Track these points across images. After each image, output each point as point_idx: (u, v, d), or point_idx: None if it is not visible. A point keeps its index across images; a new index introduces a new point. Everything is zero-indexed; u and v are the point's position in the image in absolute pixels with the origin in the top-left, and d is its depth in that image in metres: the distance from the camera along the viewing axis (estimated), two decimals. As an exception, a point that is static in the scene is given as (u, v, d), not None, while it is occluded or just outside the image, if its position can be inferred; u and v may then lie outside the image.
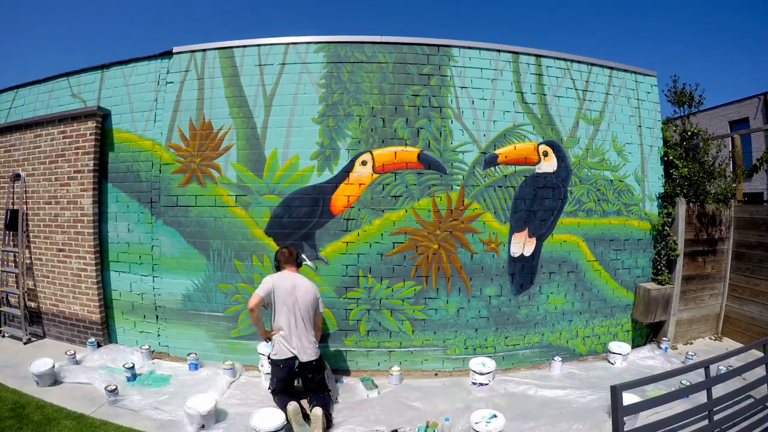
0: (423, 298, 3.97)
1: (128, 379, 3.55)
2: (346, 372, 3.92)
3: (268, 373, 3.39)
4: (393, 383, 3.67)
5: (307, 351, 3.11)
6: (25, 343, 4.31)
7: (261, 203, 3.91)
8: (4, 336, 4.49)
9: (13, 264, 4.54)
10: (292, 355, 3.09)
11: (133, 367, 3.61)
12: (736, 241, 4.93)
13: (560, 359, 4.01)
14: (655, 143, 4.65)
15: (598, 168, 4.36)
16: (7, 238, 4.56)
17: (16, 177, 4.47)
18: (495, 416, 2.93)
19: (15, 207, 4.47)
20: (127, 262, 4.20)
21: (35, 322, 4.54)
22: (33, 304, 4.51)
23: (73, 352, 3.86)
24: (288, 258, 3.32)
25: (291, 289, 3.12)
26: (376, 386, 3.53)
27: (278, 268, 3.32)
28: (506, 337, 4.16)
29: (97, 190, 4.17)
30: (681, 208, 4.59)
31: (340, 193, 3.86)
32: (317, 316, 3.28)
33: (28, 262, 4.49)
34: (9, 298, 4.63)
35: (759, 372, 2.86)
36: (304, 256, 3.69)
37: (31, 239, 4.45)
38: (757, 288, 4.66)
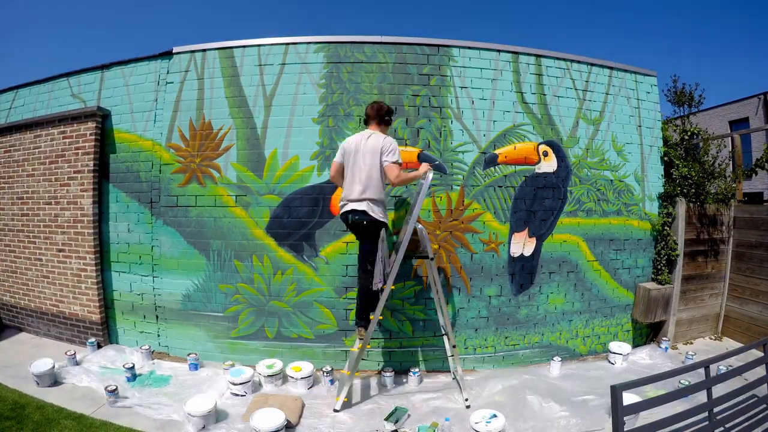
0: (423, 298, 3.97)
1: (128, 380, 3.53)
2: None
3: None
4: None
5: (353, 203, 3.09)
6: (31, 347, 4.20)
7: (261, 203, 3.91)
8: (9, 342, 4.38)
9: None
10: (348, 210, 3.13)
11: (133, 368, 3.59)
12: (736, 241, 4.93)
13: (559, 359, 4.00)
14: (655, 143, 4.65)
15: (598, 168, 4.36)
16: None
17: None
18: (495, 416, 2.93)
19: None
20: (127, 263, 4.20)
21: (36, 322, 4.53)
22: (33, 305, 4.51)
23: (73, 353, 3.86)
24: (369, 115, 3.27)
25: (356, 146, 3.13)
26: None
27: (366, 123, 3.34)
28: (506, 337, 4.16)
29: (97, 190, 4.17)
30: (681, 207, 4.59)
31: (340, 193, 3.86)
32: (387, 168, 3.06)
33: (40, 264, 4.44)
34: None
35: (759, 372, 2.86)
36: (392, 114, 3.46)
37: (30, 239, 4.45)
38: (758, 288, 4.66)
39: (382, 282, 3.06)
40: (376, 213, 3.09)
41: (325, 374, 3.62)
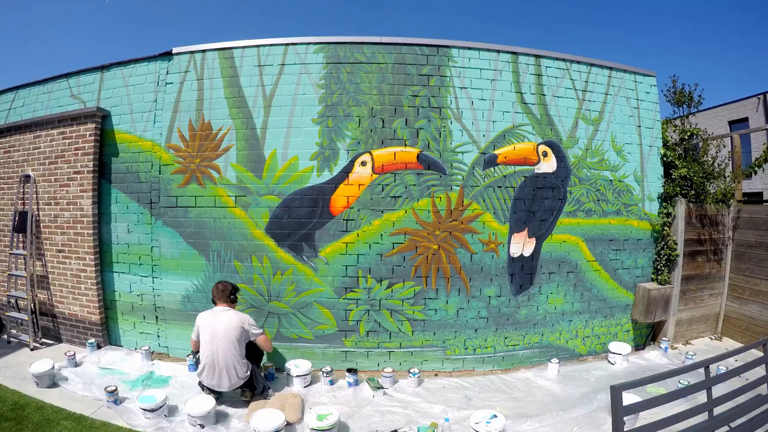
0: (423, 298, 3.97)
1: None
2: (353, 372, 3.89)
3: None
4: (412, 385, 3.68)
5: (222, 384, 3.15)
6: (32, 350, 4.18)
7: (260, 204, 3.91)
8: (9, 342, 4.36)
9: (23, 267, 4.40)
10: (211, 387, 3.19)
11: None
12: (736, 241, 4.93)
13: (557, 361, 3.99)
14: (655, 143, 4.65)
15: (598, 168, 4.36)
16: (16, 240, 4.51)
17: (26, 178, 4.42)
18: (495, 416, 2.93)
19: (24, 209, 4.40)
20: (127, 263, 4.20)
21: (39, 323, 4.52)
22: (32, 306, 4.49)
23: (72, 353, 3.86)
24: (218, 294, 3.33)
25: (212, 324, 3.18)
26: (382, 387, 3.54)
27: (214, 303, 3.36)
28: (506, 338, 4.16)
29: (96, 190, 4.17)
30: (680, 208, 4.59)
31: (339, 193, 3.86)
32: (257, 341, 3.34)
33: (40, 265, 4.43)
34: (18, 302, 4.47)
35: (759, 372, 2.86)
36: (237, 292, 3.50)
37: (32, 241, 4.44)
38: (757, 288, 4.66)
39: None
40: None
41: (324, 375, 3.62)
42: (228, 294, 3.34)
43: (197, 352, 3.32)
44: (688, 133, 4.89)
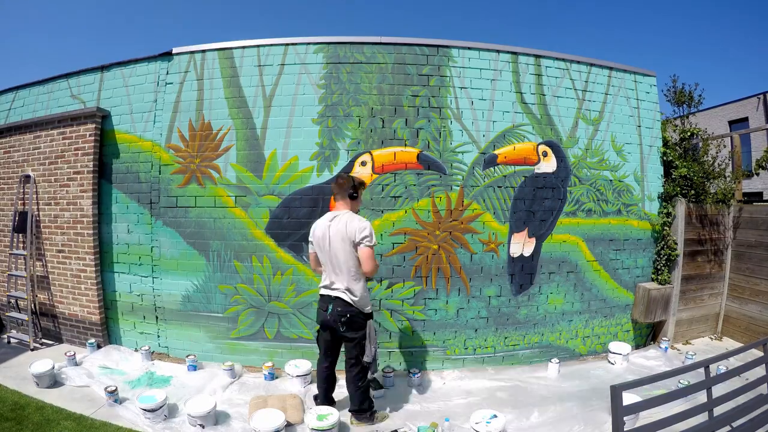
0: (423, 298, 3.97)
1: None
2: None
3: None
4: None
5: (336, 291, 2.76)
6: (32, 350, 4.18)
7: (260, 204, 3.91)
8: (9, 343, 4.37)
9: (23, 268, 4.40)
10: (326, 294, 2.82)
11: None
12: (736, 241, 4.93)
13: (557, 361, 4.00)
14: (655, 143, 4.65)
15: (598, 168, 4.36)
16: (15, 240, 4.51)
17: (26, 178, 4.42)
18: (495, 416, 2.93)
19: (24, 209, 4.40)
20: (127, 263, 4.20)
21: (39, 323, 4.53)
22: (32, 306, 4.50)
23: (72, 353, 3.86)
24: (336, 191, 2.89)
25: (325, 230, 2.79)
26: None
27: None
28: (506, 338, 4.16)
29: (96, 191, 4.17)
30: (681, 207, 4.59)
31: (339, 193, 3.86)
32: (362, 253, 2.72)
33: (40, 265, 4.43)
34: (18, 303, 4.48)
35: (759, 372, 2.86)
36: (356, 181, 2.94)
37: (32, 241, 4.44)
38: (757, 288, 4.66)
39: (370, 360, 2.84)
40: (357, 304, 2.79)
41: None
42: (349, 188, 2.85)
43: (315, 270, 3.02)
44: (688, 133, 4.89)
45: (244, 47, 3.97)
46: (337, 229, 2.75)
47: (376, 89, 3.90)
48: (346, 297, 2.77)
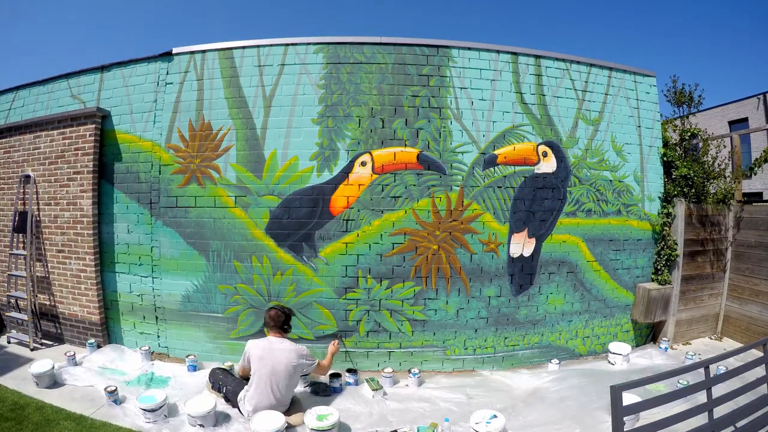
0: (422, 298, 3.98)
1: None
2: (353, 372, 3.89)
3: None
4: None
5: (267, 410, 2.96)
6: (32, 350, 4.18)
7: (260, 204, 3.91)
8: (9, 342, 4.36)
9: (23, 268, 4.39)
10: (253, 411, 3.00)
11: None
12: (736, 241, 4.93)
13: (557, 361, 4.00)
14: (655, 143, 4.65)
15: (598, 168, 4.36)
16: (16, 240, 4.50)
17: (26, 178, 4.41)
18: (495, 417, 2.93)
19: (24, 209, 4.40)
20: (127, 263, 4.20)
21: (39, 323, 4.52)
22: (32, 306, 4.50)
23: (72, 353, 3.86)
24: (270, 322, 3.19)
25: (271, 359, 3.02)
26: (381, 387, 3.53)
27: (265, 328, 3.25)
28: (506, 338, 4.16)
29: (96, 191, 4.17)
30: (680, 208, 4.59)
31: (339, 193, 3.86)
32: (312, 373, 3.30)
33: (40, 265, 4.42)
34: (18, 303, 4.48)
35: (759, 372, 2.86)
36: (291, 320, 3.33)
37: (32, 241, 4.44)
38: (757, 288, 4.66)
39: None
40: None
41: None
42: (282, 323, 3.20)
43: (245, 378, 3.22)
44: (689, 133, 4.89)
45: (244, 47, 3.97)
46: (287, 359, 3.04)
47: (376, 89, 3.90)
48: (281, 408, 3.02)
